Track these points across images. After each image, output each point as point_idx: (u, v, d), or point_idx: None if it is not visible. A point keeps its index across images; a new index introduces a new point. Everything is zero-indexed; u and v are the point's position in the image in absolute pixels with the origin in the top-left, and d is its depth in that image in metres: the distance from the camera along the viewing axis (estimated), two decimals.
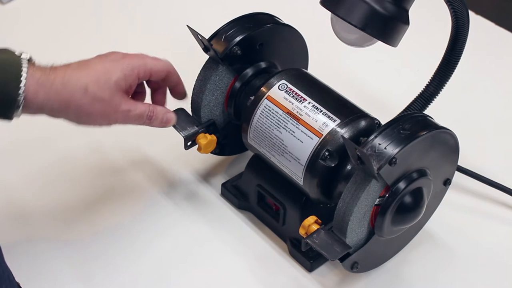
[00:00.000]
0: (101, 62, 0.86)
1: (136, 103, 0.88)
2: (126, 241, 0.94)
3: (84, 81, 0.83)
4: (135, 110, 0.87)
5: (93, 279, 0.90)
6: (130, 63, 0.87)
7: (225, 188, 1.00)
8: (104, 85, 0.84)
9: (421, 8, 0.95)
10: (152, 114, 0.89)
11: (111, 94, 0.84)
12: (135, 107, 0.87)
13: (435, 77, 0.96)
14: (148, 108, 0.89)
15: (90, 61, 0.86)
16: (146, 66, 0.88)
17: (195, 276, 0.92)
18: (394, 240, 0.89)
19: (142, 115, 0.88)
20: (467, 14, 0.89)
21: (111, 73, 0.85)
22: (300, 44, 1.01)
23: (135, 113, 0.87)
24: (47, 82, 0.81)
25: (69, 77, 0.82)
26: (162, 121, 0.90)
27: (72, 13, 1.31)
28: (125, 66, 0.86)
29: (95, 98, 0.83)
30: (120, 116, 0.86)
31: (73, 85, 0.82)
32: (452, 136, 0.86)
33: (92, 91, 0.83)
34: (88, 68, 0.84)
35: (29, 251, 0.92)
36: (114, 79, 0.85)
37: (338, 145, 0.86)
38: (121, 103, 0.85)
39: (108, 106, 0.84)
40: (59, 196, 0.99)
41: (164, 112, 0.91)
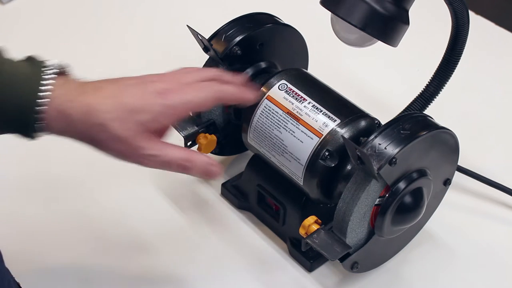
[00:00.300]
0: (133, 96, 0.75)
1: (167, 147, 0.76)
2: (125, 241, 0.94)
3: (106, 117, 0.73)
4: (164, 156, 0.75)
5: (92, 279, 0.90)
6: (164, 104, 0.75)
7: (225, 188, 1.00)
8: (127, 125, 0.74)
9: (421, 8, 0.95)
10: (187, 164, 0.76)
11: (134, 135, 0.74)
12: (164, 152, 0.75)
13: (435, 77, 0.96)
14: (183, 156, 0.76)
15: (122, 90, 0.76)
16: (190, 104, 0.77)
17: (195, 276, 0.92)
18: (394, 240, 0.89)
19: (172, 163, 0.76)
20: (467, 14, 0.89)
21: (139, 113, 0.74)
22: (300, 44, 1.01)
23: (163, 160, 0.76)
24: (69, 110, 0.73)
25: (93, 108, 0.73)
26: (202, 173, 0.78)
27: (72, 13, 1.31)
28: (156, 108, 0.75)
29: (114, 137, 0.74)
30: (143, 160, 0.76)
31: (94, 119, 0.73)
32: (452, 136, 0.86)
33: (112, 130, 0.73)
34: (116, 98, 0.75)
35: (29, 251, 0.92)
36: (141, 120, 0.74)
37: (338, 145, 0.86)
38: (145, 146, 0.75)
39: (129, 148, 0.75)
40: (58, 195, 0.99)
41: (206, 163, 0.78)
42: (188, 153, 0.77)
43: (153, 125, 0.75)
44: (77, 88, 0.75)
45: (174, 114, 0.76)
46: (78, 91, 0.74)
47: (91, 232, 0.95)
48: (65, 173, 1.03)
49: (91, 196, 1.00)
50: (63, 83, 0.73)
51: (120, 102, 0.74)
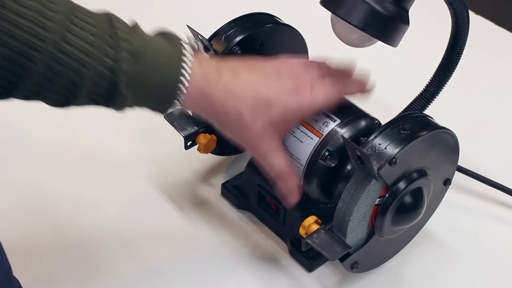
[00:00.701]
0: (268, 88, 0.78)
1: (278, 151, 0.80)
2: (125, 241, 0.94)
3: (240, 103, 0.76)
4: (270, 158, 0.80)
5: (92, 279, 0.90)
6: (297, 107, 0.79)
7: (225, 188, 1.00)
8: (258, 116, 0.77)
9: (421, 8, 0.95)
10: (282, 176, 0.81)
11: (261, 128, 0.77)
12: (273, 155, 0.80)
13: (435, 77, 0.96)
14: (282, 168, 0.81)
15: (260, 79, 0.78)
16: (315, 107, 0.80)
17: (195, 276, 0.92)
18: (394, 240, 0.89)
19: (272, 166, 0.81)
20: (467, 14, 0.89)
21: (271, 108, 0.77)
22: (300, 44, 1.01)
23: (267, 160, 0.80)
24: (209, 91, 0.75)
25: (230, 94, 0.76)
26: (283, 190, 0.82)
27: None
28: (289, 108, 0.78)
29: (243, 124, 0.77)
30: (255, 152, 0.81)
31: (229, 105, 0.76)
32: (452, 136, 0.86)
33: (243, 117, 0.77)
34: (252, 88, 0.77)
35: (30, 251, 0.92)
36: (272, 116, 0.77)
37: (338, 145, 0.86)
38: (264, 141, 0.78)
39: (252, 137, 0.78)
40: (58, 195, 0.99)
41: (292, 187, 0.82)
42: (288, 170, 0.82)
43: (281, 125, 0.79)
44: (214, 69, 0.76)
45: (303, 115, 0.81)
46: (216, 73, 0.76)
47: (91, 232, 0.95)
48: (65, 173, 1.03)
49: (90, 196, 1.00)
50: (199, 62, 0.75)
51: (258, 91, 0.77)
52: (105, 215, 0.97)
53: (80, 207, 0.98)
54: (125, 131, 1.01)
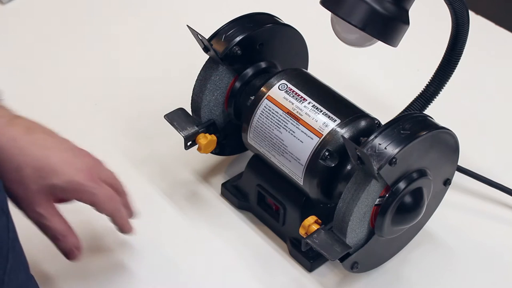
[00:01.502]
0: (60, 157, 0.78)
1: (55, 215, 0.79)
2: (125, 241, 0.94)
3: (25, 160, 0.75)
4: (47, 220, 0.78)
5: (92, 279, 0.90)
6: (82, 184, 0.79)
7: (225, 188, 1.00)
8: (39, 179, 0.76)
9: (421, 8, 0.95)
10: (61, 238, 0.80)
11: (39, 190, 0.76)
12: (50, 217, 0.78)
13: (435, 77, 0.96)
14: (61, 231, 0.80)
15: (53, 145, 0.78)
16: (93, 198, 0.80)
17: (195, 276, 0.92)
18: (394, 240, 0.89)
19: (50, 230, 0.79)
20: (467, 14, 0.89)
21: (56, 175, 0.77)
22: (300, 44, 1.01)
23: (45, 223, 0.78)
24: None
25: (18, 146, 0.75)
26: (64, 250, 0.81)
27: (72, 13, 1.31)
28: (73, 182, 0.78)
29: (21, 181, 0.75)
30: (30, 214, 0.78)
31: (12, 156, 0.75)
32: (452, 136, 0.86)
33: (24, 175, 0.75)
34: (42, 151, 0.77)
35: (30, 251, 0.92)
36: (53, 183, 0.77)
37: (338, 145, 0.86)
38: (40, 204, 0.77)
39: (27, 197, 0.77)
40: None
41: (73, 245, 0.81)
42: (67, 231, 0.80)
43: (60, 194, 0.78)
44: (6, 119, 0.76)
45: (82, 197, 0.80)
46: (7, 122, 0.75)
47: (90, 232, 0.95)
48: None
49: None
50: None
51: (46, 155, 0.77)
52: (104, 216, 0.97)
53: (80, 207, 0.98)
54: (125, 131, 1.01)
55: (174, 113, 0.97)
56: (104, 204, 0.82)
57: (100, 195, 0.81)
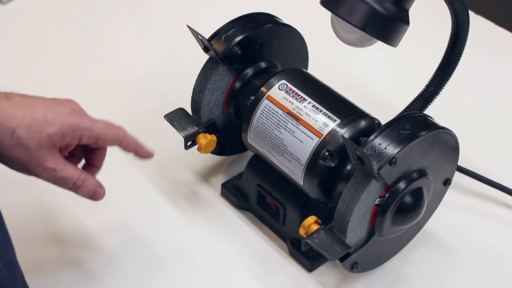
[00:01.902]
0: (45, 108, 0.77)
1: (66, 164, 0.79)
2: (125, 241, 0.94)
3: (14, 122, 0.74)
4: (61, 172, 0.78)
5: (93, 278, 0.90)
6: (76, 123, 0.78)
7: (225, 188, 1.00)
8: (35, 134, 0.75)
9: (421, 8, 0.95)
10: (80, 183, 0.80)
11: (39, 145, 0.76)
12: (62, 168, 0.78)
13: (435, 77, 0.96)
14: (78, 176, 0.79)
15: (35, 102, 0.77)
16: (93, 132, 0.79)
17: (195, 276, 0.92)
18: (394, 240, 0.89)
19: (67, 180, 0.79)
20: (467, 14, 0.89)
21: (49, 124, 0.76)
22: (300, 44, 1.01)
23: (60, 175, 0.78)
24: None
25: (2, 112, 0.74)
26: (89, 194, 0.82)
27: (72, 13, 1.31)
28: (67, 124, 0.77)
29: (19, 144, 0.75)
30: (42, 172, 0.77)
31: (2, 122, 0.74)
32: (452, 136, 0.86)
33: (19, 136, 0.75)
34: (27, 108, 0.76)
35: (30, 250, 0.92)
36: (49, 132, 0.76)
37: (338, 145, 0.86)
38: (47, 158, 0.77)
39: (32, 157, 0.76)
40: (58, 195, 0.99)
41: (95, 186, 0.82)
42: (83, 174, 0.80)
43: (59, 140, 0.77)
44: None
45: (81, 136, 0.79)
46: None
47: (90, 231, 0.95)
48: None
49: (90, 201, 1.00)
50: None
51: (32, 110, 0.76)
52: (105, 215, 0.97)
53: (80, 207, 0.98)
54: None
55: (174, 113, 0.97)
56: (107, 134, 0.81)
57: (99, 127, 0.80)
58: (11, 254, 0.71)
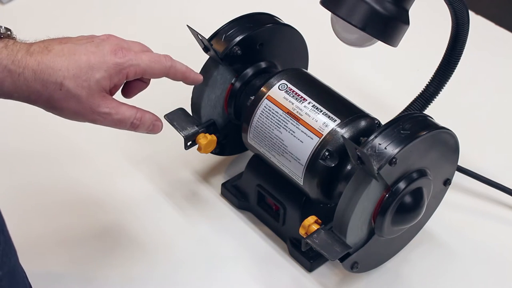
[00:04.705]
0: (87, 53, 0.76)
1: (120, 105, 0.78)
2: (125, 241, 0.95)
3: (60, 74, 0.74)
4: (117, 114, 0.78)
5: (93, 279, 0.90)
6: (120, 62, 0.77)
7: (225, 188, 1.00)
8: (83, 82, 0.75)
9: (421, 8, 0.95)
10: (138, 122, 0.80)
11: (90, 93, 0.75)
12: (117, 110, 0.78)
13: (435, 77, 0.96)
14: (135, 115, 0.79)
15: (76, 48, 0.76)
16: (139, 67, 0.79)
17: (195, 276, 0.92)
18: (394, 240, 0.89)
19: (125, 121, 0.79)
20: (467, 14, 0.89)
21: (94, 70, 0.76)
22: (300, 44, 1.01)
23: (116, 118, 0.78)
24: (16, 69, 0.73)
25: (45, 66, 0.74)
26: (148, 129, 0.82)
27: (72, 13, 1.31)
28: (112, 65, 0.77)
29: (70, 95, 0.75)
30: (97, 117, 0.77)
31: (47, 77, 0.74)
32: (452, 136, 0.86)
33: (68, 88, 0.74)
34: (70, 57, 0.75)
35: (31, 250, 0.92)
36: (96, 78, 0.76)
37: (338, 145, 0.86)
38: (100, 104, 0.76)
39: (84, 105, 0.76)
40: (58, 196, 0.99)
41: (153, 120, 0.82)
42: (139, 112, 0.80)
43: (108, 83, 0.77)
44: (24, 49, 0.75)
45: (127, 74, 0.78)
46: (25, 52, 0.74)
47: (90, 231, 0.95)
48: (65, 173, 1.03)
49: (90, 196, 1.00)
50: (5, 46, 0.74)
51: (75, 59, 0.75)
52: (105, 215, 0.97)
53: (80, 207, 0.98)
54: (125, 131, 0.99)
55: (174, 113, 0.97)
56: (153, 68, 0.80)
57: (144, 61, 0.79)
58: (13, 261, 0.71)
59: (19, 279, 0.72)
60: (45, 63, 0.74)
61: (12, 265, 0.70)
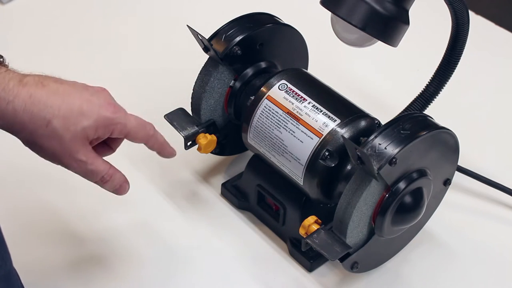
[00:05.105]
0: (81, 99, 0.76)
1: (96, 158, 0.79)
2: (125, 241, 0.94)
3: (50, 112, 0.74)
4: (91, 164, 0.78)
5: (92, 280, 0.90)
6: (111, 117, 0.78)
7: (225, 188, 1.00)
8: (70, 126, 0.75)
9: (421, 8, 0.95)
10: (108, 178, 0.80)
11: (73, 137, 0.75)
12: (92, 161, 0.78)
13: (435, 77, 0.96)
14: (107, 170, 0.80)
15: (70, 90, 0.77)
16: (125, 128, 0.79)
17: (195, 276, 0.92)
18: (394, 240, 0.89)
19: (96, 173, 0.79)
20: (467, 14, 0.89)
21: (84, 117, 0.76)
22: (300, 44, 1.01)
23: (90, 168, 0.78)
24: (6, 97, 0.72)
25: (37, 100, 0.74)
26: (114, 188, 0.82)
27: (72, 13, 1.31)
28: (102, 117, 0.77)
29: (53, 134, 0.75)
30: (72, 163, 0.77)
31: (36, 111, 0.73)
32: (452, 136, 0.86)
33: (54, 127, 0.74)
34: (64, 98, 0.75)
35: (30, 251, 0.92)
36: (84, 125, 0.76)
37: (338, 145, 0.86)
38: (79, 151, 0.77)
39: (64, 148, 0.76)
40: (58, 196, 0.99)
41: (122, 181, 0.82)
42: (111, 169, 0.80)
43: (93, 133, 0.77)
44: (16, 79, 0.74)
45: (113, 131, 0.79)
46: (17, 82, 0.74)
47: (89, 231, 0.95)
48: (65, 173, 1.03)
49: (90, 196, 1.00)
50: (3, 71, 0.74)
51: (68, 101, 0.75)
52: (105, 215, 0.97)
53: (81, 207, 0.98)
54: None
55: (174, 113, 0.97)
56: (138, 132, 0.81)
57: (132, 123, 0.80)
58: (8, 264, 0.71)
59: (14, 281, 0.72)
60: (37, 97, 0.74)
61: (8, 269, 0.70)
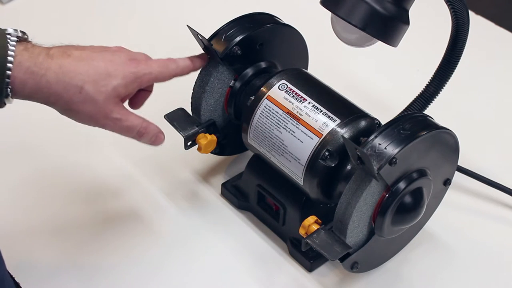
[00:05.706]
0: (105, 60, 0.80)
1: (129, 114, 0.83)
2: (125, 241, 0.95)
3: (81, 78, 0.78)
4: (126, 121, 0.82)
5: (92, 279, 0.90)
6: (135, 71, 0.82)
7: (225, 188, 1.00)
8: (101, 88, 0.79)
9: (421, 8, 0.95)
10: (143, 131, 0.84)
11: (106, 98, 0.79)
12: (127, 117, 0.82)
13: (435, 77, 0.96)
14: (141, 124, 0.84)
15: (94, 55, 0.80)
16: (152, 75, 0.84)
17: (195, 276, 0.92)
18: (394, 240, 0.89)
19: (132, 128, 0.83)
20: (467, 14, 0.89)
21: (112, 77, 0.80)
22: (300, 44, 1.01)
23: (125, 124, 0.82)
24: (38, 71, 0.76)
25: (66, 70, 0.78)
26: (151, 140, 0.86)
27: (72, 14, 1.31)
28: (128, 73, 0.81)
29: (88, 99, 0.79)
30: (109, 123, 0.81)
31: (68, 81, 0.77)
32: (452, 136, 0.86)
33: (87, 92, 0.78)
34: (89, 63, 0.79)
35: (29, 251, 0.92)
36: (114, 85, 0.80)
37: (338, 145, 0.86)
38: (113, 110, 0.81)
39: (99, 110, 0.80)
40: (58, 196, 0.99)
41: (157, 131, 0.86)
42: (145, 122, 0.84)
43: (123, 90, 0.81)
44: (44, 53, 0.78)
45: (141, 82, 0.83)
46: (45, 55, 0.78)
47: (90, 231, 0.95)
48: (65, 173, 1.03)
49: (90, 196, 1.00)
50: (26, 48, 0.77)
51: (94, 65, 0.79)
52: (105, 215, 0.97)
53: (81, 207, 0.98)
54: None
55: (174, 113, 0.97)
56: (164, 73, 0.85)
57: (155, 69, 0.84)
58: (2, 270, 0.71)
59: (6, 284, 0.72)
60: (66, 66, 0.78)
61: (1, 274, 0.70)
